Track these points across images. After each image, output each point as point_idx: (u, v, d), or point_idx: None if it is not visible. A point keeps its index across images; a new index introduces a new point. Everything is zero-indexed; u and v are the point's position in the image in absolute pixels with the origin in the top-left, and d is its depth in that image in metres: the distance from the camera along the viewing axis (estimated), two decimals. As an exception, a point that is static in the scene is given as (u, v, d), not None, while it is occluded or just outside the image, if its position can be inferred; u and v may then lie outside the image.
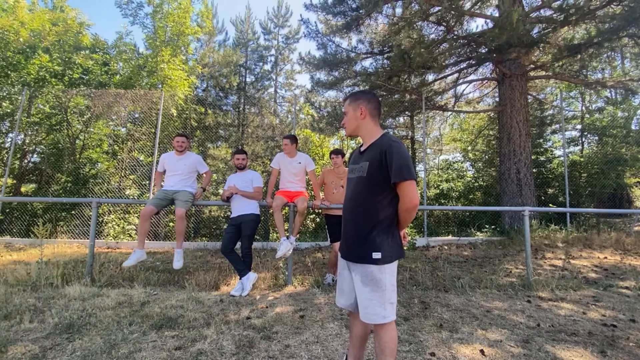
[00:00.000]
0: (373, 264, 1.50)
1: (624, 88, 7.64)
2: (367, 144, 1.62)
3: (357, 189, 1.59)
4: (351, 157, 1.79)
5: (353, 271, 1.58)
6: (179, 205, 3.66)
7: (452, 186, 10.75)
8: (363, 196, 1.56)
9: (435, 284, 3.83)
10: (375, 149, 1.55)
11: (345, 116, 1.69)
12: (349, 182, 1.68)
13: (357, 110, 1.65)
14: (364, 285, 1.52)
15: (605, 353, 2.20)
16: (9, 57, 8.77)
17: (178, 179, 3.79)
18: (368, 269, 1.51)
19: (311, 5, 8.65)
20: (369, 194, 1.54)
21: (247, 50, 16.11)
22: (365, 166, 1.55)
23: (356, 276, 1.55)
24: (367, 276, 1.51)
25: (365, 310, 1.51)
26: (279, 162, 3.99)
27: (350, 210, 1.62)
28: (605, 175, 8.46)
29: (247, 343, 2.25)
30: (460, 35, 7.76)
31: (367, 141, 1.63)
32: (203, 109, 12.46)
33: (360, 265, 1.53)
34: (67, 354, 2.06)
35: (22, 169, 9.13)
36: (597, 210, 6.11)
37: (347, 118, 1.68)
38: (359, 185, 1.57)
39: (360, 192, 1.57)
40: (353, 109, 1.66)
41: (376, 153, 1.53)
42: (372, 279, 1.50)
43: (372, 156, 1.54)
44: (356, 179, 1.60)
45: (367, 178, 1.53)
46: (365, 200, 1.55)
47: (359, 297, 1.54)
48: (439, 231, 8.42)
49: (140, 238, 3.58)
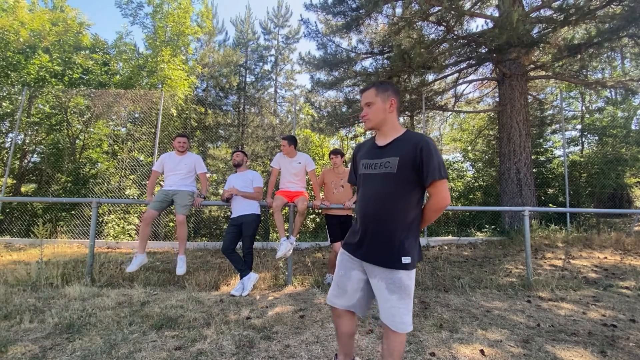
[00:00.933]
0: (403, 269, 1.41)
1: (624, 88, 7.64)
2: (389, 139, 1.52)
3: (385, 186, 1.45)
4: (359, 151, 1.67)
5: (375, 276, 1.47)
6: (178, 210, 3.65)
7: (452, 186, 10.74)
8: (392, 194, 1.44)
9: (435, 284, 3.83)
10: (405, 144, 1.45)
11: (368, 107, 1.52)
12: (368, 177, 1.53)
13: (387, 102, 1.52)
14: (390, 293, 1.42)
15: (605, 353, 2.20)
16: (9, 57, 8.77)
17: (178, 178, 3.79)
18: (397, 274, 1.42)
19: (311, 5, 8.65)
20: (399, 192, 1.44)
21: (247, 50, 16.11)
22: (394, 162, 1.43)
23: (380, 282, 1.45)
24: (394, 283, 1.42)
25: (393, 319, 1.43)
26: (279, 162, 4.00)
27: (375, 209, 1.47)
28: (605, 175, 8.46)
29: (247, 343, 2.25)
30: (460, 35, 7.76)
31: (390, 136, 1.52)
32: (203, 109, 12.47)
33: (388, 271, 1.43)
34: (67, 354, 2.06)
35: (22, 169, 9.13)
36: (597, 210, 6.10)
37: (373, 109, 1.52)
38: (387, 181, 1.44)
39: (388, 189, 1.44)
40: (382, 100, 1.51)
41: (408, 149, 1.43)
42: (401, 286, 1.42)
43: (403, 152, 1.43)
44: (382, 175, 1.46)
45: (397, 174, 1.42)
46: (396, 198, 1.43)
47: (384, 304, 1.44)
48: (439, 231, 8.42)
49: (142, 243, 3.59)
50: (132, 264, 3.50)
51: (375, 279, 1.47)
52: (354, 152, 1.73)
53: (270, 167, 4.10)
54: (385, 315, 1.45)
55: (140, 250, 3.56)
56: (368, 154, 1.57)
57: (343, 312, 1.61)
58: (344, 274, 1.58)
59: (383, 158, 1.48)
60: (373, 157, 1.54)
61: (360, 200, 1.56)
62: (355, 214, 1.63)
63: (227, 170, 11.02)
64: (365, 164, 1.55)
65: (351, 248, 1.57)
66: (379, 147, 1.54)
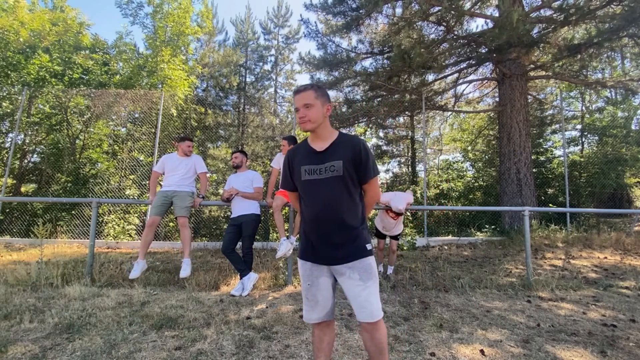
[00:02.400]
0: (369, 255, 1.52)
1: (624, 88, 7.64)
2: (327, 143, 1.55)
3: (335, 189, 1.50)
4: (294, 157, 1.63)
5: (345, 273, 1.50)
6: (179, 212, 3.64)
7: (452, 186, 10.74)
8: (343, 194, 1.51)
9: (435, 284, 3.83)
10: (344, 147, 1.52)
11: (307, 108, 1.50)
12: (314, 183, 1.53)
13: (325, 106, 1.54)
14: (364, 281, 1.48)
15: (605, 353, 2.20)
16: (9, 57, 8.77)
17: (177, 179, 3.78)
18: (366, 262, 1.50)
19: (311, 5, 8.66)
20: (349, 191, 1.52)
21: (247, 50, 16.11)
22: (339, 165, 1.49)
23: (352, 275, 1.49)
24: (366, 270, 1.49)
25: (367, 309, 1.46)
26: (279, 162, 3.99)
27: (330, 211, 1.50)
28: (605, 175, 8.46)
29: (247, 343, 2.25)
30: (460, 35, 7.76)
31: (326, 139, 1.55)
32: (203, 109, 12.47)
33: (358, 262, 1.49)
34: (67, 354, 2.06)
35: (22, 169, 9.13)
36: (597, 210, 6.11)
37: (312, 111, 1.50)
38: (336, 184, 1.50)
39: (339, 190, 1.50)
40: (321, 104, 1.53)
41: (348, 151, 1.50)
42: (371, 271, 1.50)
43: (343, 154, 1.50)
44: (329, 179, 1.50)
45: (344, 176, 1.49)
46: (347, 197, 1.52)
47: (358, 298, 1.48)
48: (439, 231, 8.42)
49: (143, 249, 3.57)
50: (134, 271, 3.47)
51: (345, 275, 1.50)
52: (287, 158, 1.67)
53: (270, 167, 4.09)
54: (363, 306, 1.47)
55: (141, 255, 3.55)
56: (308, 160, 1.56)
57: (323, 324, 1.60)
58: (312, 284, 1.56)
59: (326, 162, 1.51)
60: (315, 162, 1.54)
61: (310, 206, 1.55)
62: (304, 222, 1.61)
63: (227, 170, 11.03)
64: (309, 170, 1.54)
65: (312, 257, 1.56)
66: (318, 152, 1.55)
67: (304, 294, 1.60)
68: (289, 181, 1.70)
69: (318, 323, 1.59)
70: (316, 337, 1.61)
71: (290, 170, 1.67)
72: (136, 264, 3.51)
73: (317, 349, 1.60)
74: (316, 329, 1.61)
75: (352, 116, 9.07)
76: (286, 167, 1.69)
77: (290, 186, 1.70)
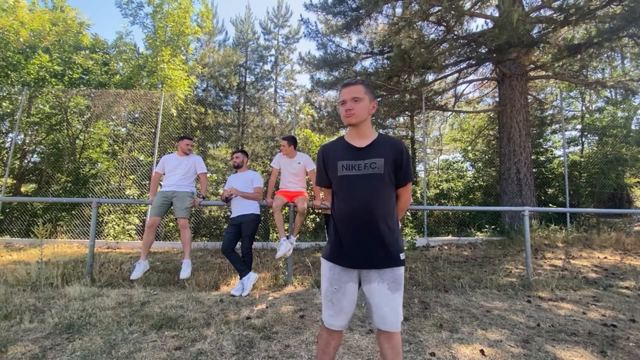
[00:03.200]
0: (402, 265, 1.45)
1: (624, 88, 7.64)
2: (368, 140, 1.51)
3: (374, 187, 1.44)
4: (329, 152, 1.58)
5: (374, 280, 1.43)
6: (179, 213, 3.64)
7: (452, 186, 10.74)
8: (382, 194, 1.45)
9: (435, 284, 3.83)
10: (385, 146, 1.48)
11: (355, 102, 1.47)
12: (352, 179, 1.47)
13: (371, 103, 1.52)
14: (393, 292, 1.41)
15: (605, 353, 2.20)
16: (9, 57, 8.77)
17: (177, 178, 3.78)
18: (397, 272, 1.43)
19: (311, 5, 8.65)
20: (388, 192, 1.46)
21: (247, 50, 16.12)
22: (380, 163, 1.44)
23: (381, 284, 1.41)
24: (396, 280, 1.42)
25: (390, 320, 1.41)
26: (279, 162, 4.00)
27: (368, 210, 1.43)
28: (605, 175, 8.46)
29: (247, 343, 2.25)
30: (460, 35, 7.76)
31: (367, 137, 1.52)
32: (203, 109, 12.47)
33: (389, 270, 1.42)
34: (67, 354, 2.06)
35: (22, 169, 9.13)
36: (597, 210, 6.11)
37: (360, 105, 1.47)
38: (376, 182, 1.44)
39: (378, 189, 1.44)
40: (369, 100, 1.51)
41: (389, 151, 1.46)
42: (400, 282, 1.43)
43: (385, 153, 1.46)
44: (369, 176, 1.44)
45: (384, 175, 1.44)
46: (386, 198, 1.45)
47: (386, 307, 1.41)
48: (439, 231, 8.42)
49: (145, 249, 3.58)
50: (135, 271, 3.48)
51: (374, 283, 1.42)
52: (322, 154, 1.61)
53: (270, 167, 4.10)
54: (389, 317, 1.41)
55: (143, 256, 3.56)
56: (346, 155, 1.51)
57: (338, 331, 1.53)
58: (339, 289, 1.47)
59: (367, 159, 1.47)
60: (354, 158, 1.49)
61: (344, 202, 1.48)
62: (337, 221, 1.52)
63: (227, 170, 11.03)
64: (347, 165, 1.49)
65: (343, 260, 1.47)
66: (358, 148, 1.50)
67: (329, 297, 1.50)
68: (323, 177, 1.63)
69: (327, 329, 1.53)
70: (323, 339, 1.54)
71: (324, 165, 1.61)
72: (138, 265, 3.51)
73: (323, 352, 1.54)
74: (325, 332, 1.54)
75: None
76: (320, 162, 1.63)
77: (325, 182, 1.64)
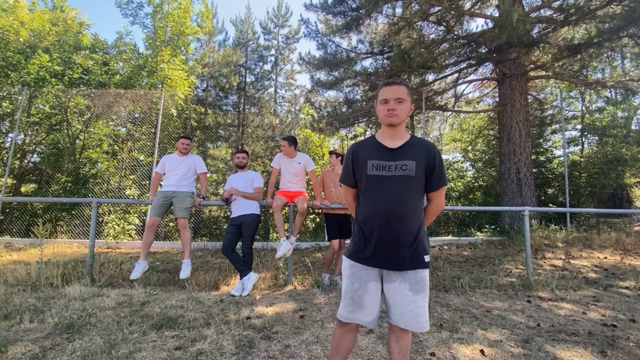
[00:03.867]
0: (426, 267, 1.46)
1: (624, 88, 7.63)
2: (400, 142, 1.51)
3: (404, 188, 1.45)
4: (359, 151, 1.58)
5: (396, 280, 1.45)
6: (179, 214, 3.65)
7: (452, 186, 10.74)
8: (412, 196, 1.46)
9: (435, 284, 3.83)
10: (417, 148, 1.49)
11: (399, 103, 1.49)
12: (381, 179, 1.48)
13: (410, 105, 1.54)
14: (415, 293, 1.43)
15: (605, 353, 2.20)
16: (9, 57, 8.77)
17: (177, 179, 3.79)
18: (421, 274, 1.45)
19: (311, 5, 8.65)
20: (417, 194, 1.48)
21: (247, 50, 16.10)
22: (412, 165, 1.45)
23: (403, 284, 1.44)
24: (419, 282, 1.44)
25: (417, 319, 1.43)
26: (279, 162, 4.00)
27: (396, 211, 1.44)
28: (605, 175, 8.46)
29: (247, 343, 2.25)
30: (460, 35, 7.76)
31: (401, 138, 1.53)
32: (203, 109, 12.46)
33: (412, 272, 1.44)
34: (67, 354, 2.06)
35: (22, 169, 9.12)
36: (597, 210, 6.11)
37: (403, 107, 1.50)
38: (406, 184, 1.45)
39: (408, 191, 1.45)
40: (410, 102, 1.53)
41: (421, 153, 1.47)
42: (424, 285, 1.45)
43: (417, 156, 1.47)
44: (400, 177, 1.45)
45: (415, 178, 1.45)
46: (415, 200, 1.47)
47: (405, 307, 1.43)
48: (439, 231, 8.42)
49: (144, 249, 3.58)
50: (135, 271, 3.49)
51: (396, 282, 1.45)
52: (352, 152, 1.61)
53: (271, 167, 4.10)
54: (409, 317, 1.43)
55: (142, 256, 3.56)
56: (377, 155, 1.51)
57: (355, 326, 1.55)
58: (360, 287, 1.49)
59: (398, 160, 1.47)
60: (385, 158, 1.49)
61: (372, 202, 1.49)
62: (361, 220, 1.53)
63: (227, 170, 11.03)
64: (377, 165, 1.49)
65: (365, 258, 1.49)
66: (390, 149, 1.50)
67: (349, 294, 1.51)
68: (349, 176, 1.62)
69: (341, 326, 1.55)
70: (335, 339, 1.57)
71: (353, 164, 1.59)
72: (137, 265, 3.52)
73: (335, 351, 1.57)
74: (338, 331, 1.56)
75: (352, 116, 9.06)
76: (349, 161, 1.61)
77: (350, 181, 1.63)
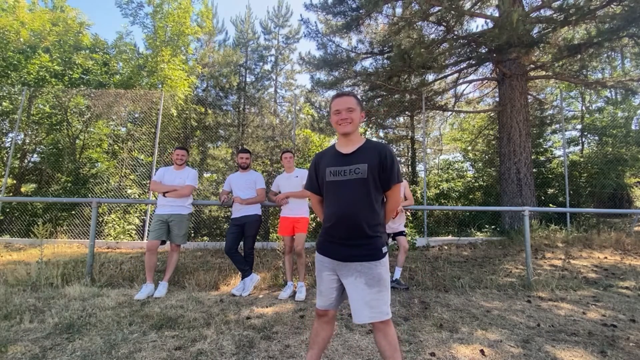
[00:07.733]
0: (380, 259, 1.54)
1: (624, 88, 7.64)
2: (354, 147, 1.64)
3: (358, 190, 1.57)
4: (321, 159, 1.73)
5: (352, 274, 1.55)
6: (176, 240, 3.61)
7: (452, 186, 10.74)
8: (366, 196, 1.56)
9: (435, 284, 3.83)
10: (370, 152, 1.61)
11: (350, 112, 1.63)
12: (337, 184, 1.61)
13: (361, 113, 1.69)
14: (370, 287, 1.51)
15: (605, 353, 2.20)
16: (9, 57, 8.77)
17: (172, 199, 3.65)
18: (376, 268, 1.53)
19: (311, 5, 8.65)
20: (371, 194, 1.57)
21: (247, 50, 16.10)
22: (363, 168, 1.57)
23: (358, 279, 1.53)
24: (374, 277, 1.52)
25: (371, 310, 1.50)
26: (278, 186, 3.88)
27: (351, 211, 1.56)
28: (605, 175, 8.46)
29: (247, 343, 2.25)
30: (460, 35, 7.76)
31: (354, 144, 1.65)
32: (203, 109, 12.45)
33: (367, 266, 1.53)
34: (67, 354, 2.06)
35: (22, 169, 9.12)
36: (597, 210, 6.10)
37: (353, 115, 1.64)
38: (360, 186, 1.57)
39: (362, 192, 1.57)
40: (359, 111, 1.67)
41: (374, 156, 1.59)
42: (378, 279, 1.52)
43: (369, 159, 1.58)
44: (353, 180, 1.58)
45: (367, 179, 1.56)
46: (369, 200, 1.57)
47: (363, 299, 1.51)
48: (439, 231, 8.42)
49: (149, 273, 3.50)
50: (141, 292, 3.35)
51: (351, 277, 1.55)
52: (314, 161, 1.76)
53: (271, 190, 3.95)
54: (365, 308, 1.51)
55: (149, 279, 3.48)
56: (333, 162, 1.66)
57: (323, 318, 1.68)
58: (318, 275, 1.69)
59: (352, 165, 1.60)
60: (340, 164, 1.63)
61: (332, 206, 1.63)
62: (324, 222, 1.70)
63: (227, 170, 11.03)
64: (334, 172, 1.63)
65: (324, 250, 1.66)
66: (344, 155, 1.64)
67: (317, 282, 1.72)
68: (314, 183, 1.77)
69: (319, 317, 1.69)
70: (314, 329, 1.71)
71: (316, 172, 1.75)
72: (144, 287, 3.42)
73: (312, 341, 1.70)
74: (316, 322, 1.71)
75: (352, 116, 9.05)
76: (312, 169, 1.78)
77: (314, 188, 1.78)
